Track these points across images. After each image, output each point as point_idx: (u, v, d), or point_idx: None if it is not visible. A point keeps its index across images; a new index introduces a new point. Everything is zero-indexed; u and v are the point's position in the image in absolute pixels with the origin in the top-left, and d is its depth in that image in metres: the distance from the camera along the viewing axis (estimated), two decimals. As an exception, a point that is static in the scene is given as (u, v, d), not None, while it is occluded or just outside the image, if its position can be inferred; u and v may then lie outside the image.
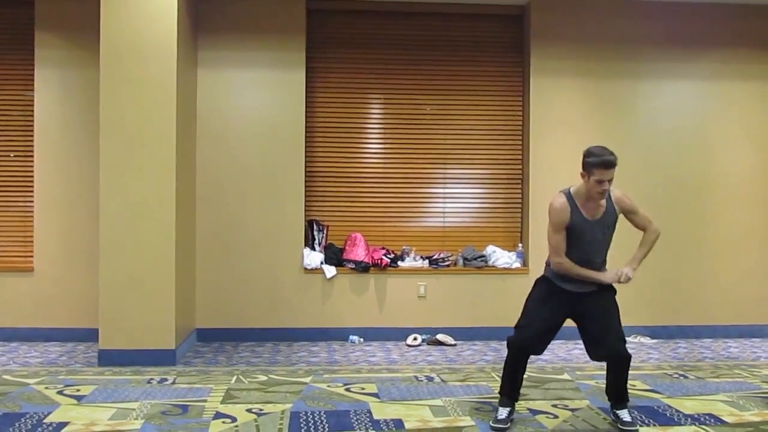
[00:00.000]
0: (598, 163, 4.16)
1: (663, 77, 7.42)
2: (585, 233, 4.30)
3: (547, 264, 4.50)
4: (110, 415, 4.49)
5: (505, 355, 4.51)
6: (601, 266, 4.43)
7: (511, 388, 4.45)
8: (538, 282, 4.52)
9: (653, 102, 7.42)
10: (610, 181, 4.19)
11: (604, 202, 4.33)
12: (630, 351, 6.65)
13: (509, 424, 4.36)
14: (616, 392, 4.40)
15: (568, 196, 4.34)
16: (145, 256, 5.89)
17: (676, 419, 4.51)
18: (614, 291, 4.47)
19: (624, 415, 4.36)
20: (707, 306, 7.43)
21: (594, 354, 4.40)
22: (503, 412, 4.40)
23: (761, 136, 7.52)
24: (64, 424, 4.30)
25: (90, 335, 6.62)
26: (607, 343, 4.28)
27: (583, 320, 4.39)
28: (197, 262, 7.00)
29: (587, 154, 4.24)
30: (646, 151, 7.39)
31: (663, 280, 7.37)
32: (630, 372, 5.73)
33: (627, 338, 7.18)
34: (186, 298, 6.53)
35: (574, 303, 4.36)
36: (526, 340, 4.36)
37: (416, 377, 5.61)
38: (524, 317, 4.44)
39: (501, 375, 4.54)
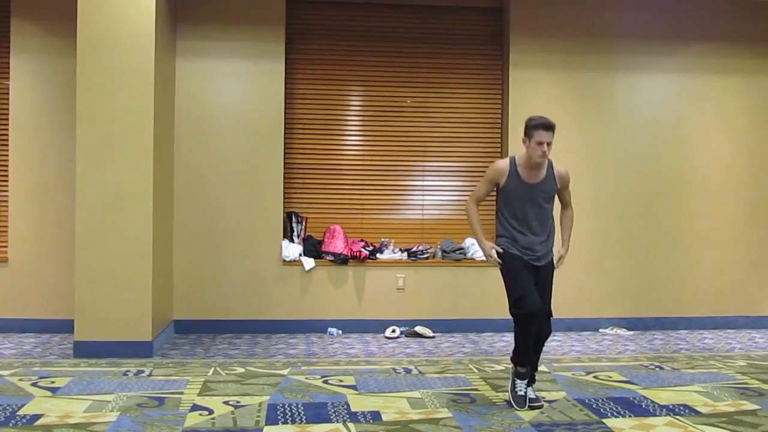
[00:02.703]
0: (537, 124, 4.42)
1: (640, 71, 7.47)
2: (521, 194, 4.54)
3: (498, 237, 4.67)
4: (85, 407, 4.44)
5: (515, 331, 4.58)
6: (541, 235, 4.58)
7: (528, 358, 4.58)
8: (504, 255, 4.58)
9: (631, 95, 7.47)
10: (548, 144, 4.42)
11: (544, 171, 4.55)
12: (607, 343, 6.75)
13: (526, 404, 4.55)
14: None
15: (512, 160, 4.61)
16: (122, 247, 5.84)
17: (651, 410, 4.54)
18: (553, 267, 4.68)
19: (530, 392, 4.60)
20: (683, 298, 7.50)
21: None
22: (521, 386, 4.58)
23: (737, 130, 7.59)
24: (38, 416, 4.25)
25: (65, 326, 6.55)
26: None
27: None
28: (175, 253, 6.96)
29: (528, 120, 4.50)
30: (623, 144, 7.43)
31: (640, 272, 7.43)
32: (606, 363, 5.83)
33: (605, 330, 7.33)
34: (163, 289, 6.49)
35: (530, 270, 4.56)
36: (534, 306, 4.43)
37: (394, 369, 5.61)
38: (515, 288, 4.51)
39: (515, 350, 4.60)
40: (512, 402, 4.56)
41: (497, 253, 4.57)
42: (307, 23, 7.39)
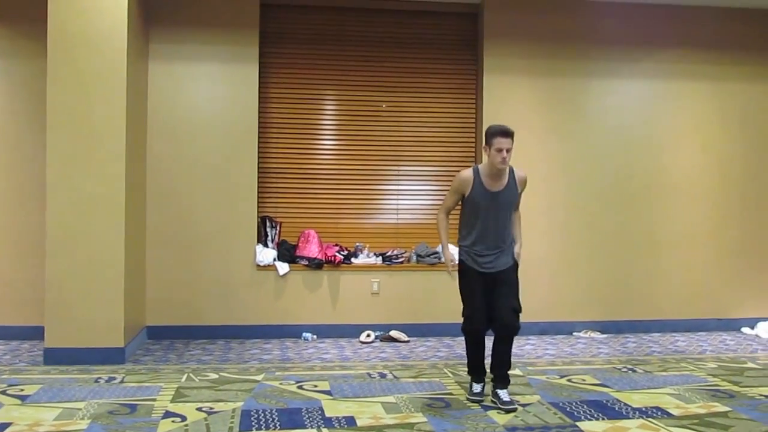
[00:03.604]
0: (496, 131, 4.61)
1: (613, 76, 7.53)
2: (485, 203, 4.72)
3: (460, 245, 4.89)
4: (55, 416, 4.38)
5: (464, 344, 4.96)
6: (505, 239, 4.80)
7: (478, 367, 4.92)
8: (461, 270, 4.86)
9: (603, 100, 7.52)
10: (508, 150, 4.59)
11: (506, 178, 4.73)
12: (581, 346, 6.79)
13: (484, 397, 4.84)
14: (500, 368, 4.79)
15: (475, 170, 4.78)
16: (94, 252, 5.77)
17: (624, 413, 4.58)
18: (517, 266, 4.86)
19: (504, 395, 4.72)
20: (656, 301, 7.56)
21: (490, 322, 4.80)
22: (477, 387, 4.89)
23: (708, 136, 7.67)
24: (6, 425, 4.18)
25: (35, 333, 6.47)
26: (501, 313, 4.70)
27: (492, 293, 4.77)
28: (147, 259, 6.89)
29: (487, 128, 4.72)
30: (596, 149, 7.48)
31: (613, 276, 7.48)
32: (580, 367, 5.86)
33: (579, 333, 7.37)
34: (136, 295, 6.42)
35: (488, 279, 4.76)
36: (479, 325, 4.76)
37: (369, 374, 5.59)
38: (467, 306, 4.82)
39: (466, 360, 4.97)
40: (469, 399, 4.86)
41: (455, 263, 4.86)
42: (281, 27, 7.37)
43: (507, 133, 4.57)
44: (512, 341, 4.80)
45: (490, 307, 4.75)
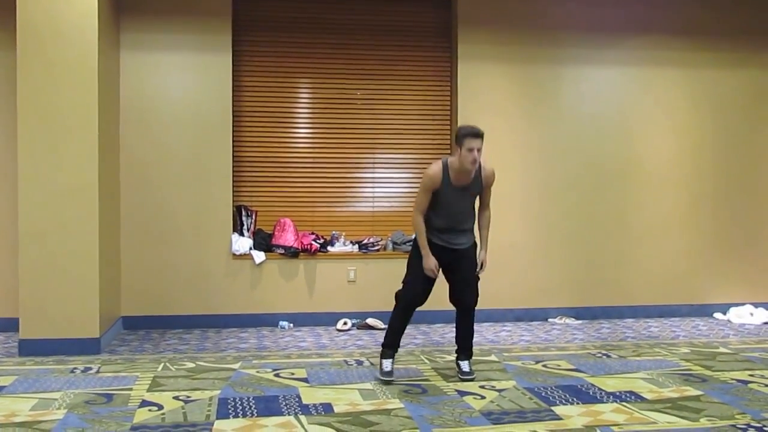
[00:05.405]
0: (467, 133, 4.73)
1: (586, 63, 7.57)
2: (450, 199, 4.89)
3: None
4: (31, 406, 4.36)
5: (394, 309, 5.10)
6: (466, 221, 5.01)
7: (396, 340, 5.09)
8: (416, 241, 5.02)
9: (577, 87, 7.56)
10: (479, 150, 4.72)
11: (473, 172, 4.85)
12: (555, 332, 6.86)
13: (394, 376, 4.98)
14: (463, 341, 5.14)
15: (444, 166, 4.87)
16: (68, 243, 5.72)
17: (598, 397, 4.63)
18: (476, 247, 5.09)
19: (464, 365, 5.10)
20: (629, 287, 7.64)
21: (452, 298, 5.11)
22: (388, 364, 5.03)
23: (681, 122, 7.75)
24: (-19, 416, 4.16)
25: (10, 325, 6.42)
26: (463, 294, 5.04)
27: (451, 272, 5.05)
28: (122, 249, 6.84)
29: (459, 129, 4.85)
30: (570, 136, 7.53)
31: (587, 262, 7.55)
32: (555, 352, 5.92)
33: (553, 319, 7.44)
34: (111, 285, 6.38)
35: (444, 255, 4.95)
36: (415, 294, 4.98)
37: (346, 361, 5.61)
38: (409, 274, 5.04)
39: (388, 329, 5.13)
40: (378, 380, 4.99)
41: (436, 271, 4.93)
42: (254, 15, 7.32)
43: (477, 134, 4.70)
44: (473, 315, 5.08)
45: (451, 282, 5.05)
